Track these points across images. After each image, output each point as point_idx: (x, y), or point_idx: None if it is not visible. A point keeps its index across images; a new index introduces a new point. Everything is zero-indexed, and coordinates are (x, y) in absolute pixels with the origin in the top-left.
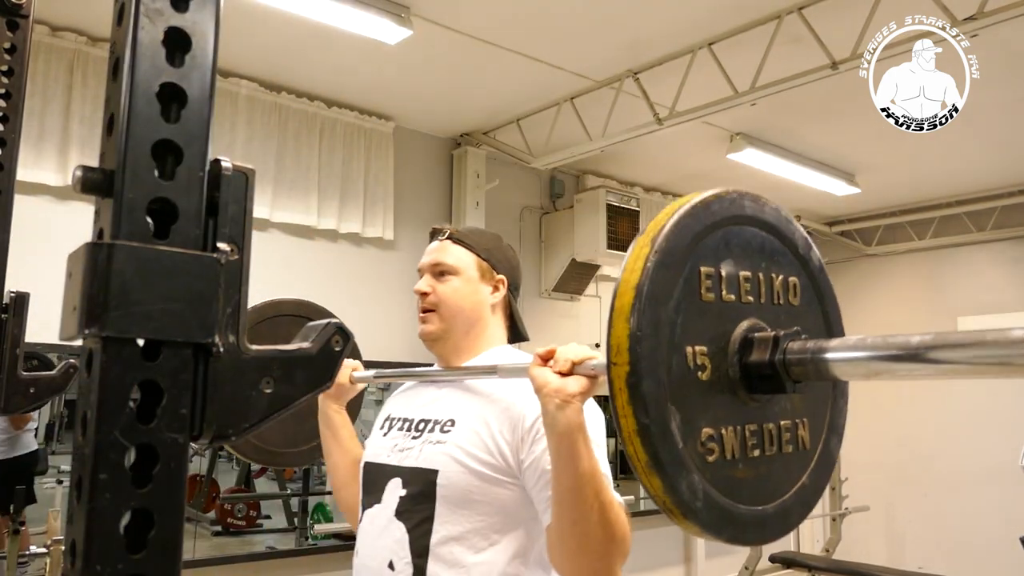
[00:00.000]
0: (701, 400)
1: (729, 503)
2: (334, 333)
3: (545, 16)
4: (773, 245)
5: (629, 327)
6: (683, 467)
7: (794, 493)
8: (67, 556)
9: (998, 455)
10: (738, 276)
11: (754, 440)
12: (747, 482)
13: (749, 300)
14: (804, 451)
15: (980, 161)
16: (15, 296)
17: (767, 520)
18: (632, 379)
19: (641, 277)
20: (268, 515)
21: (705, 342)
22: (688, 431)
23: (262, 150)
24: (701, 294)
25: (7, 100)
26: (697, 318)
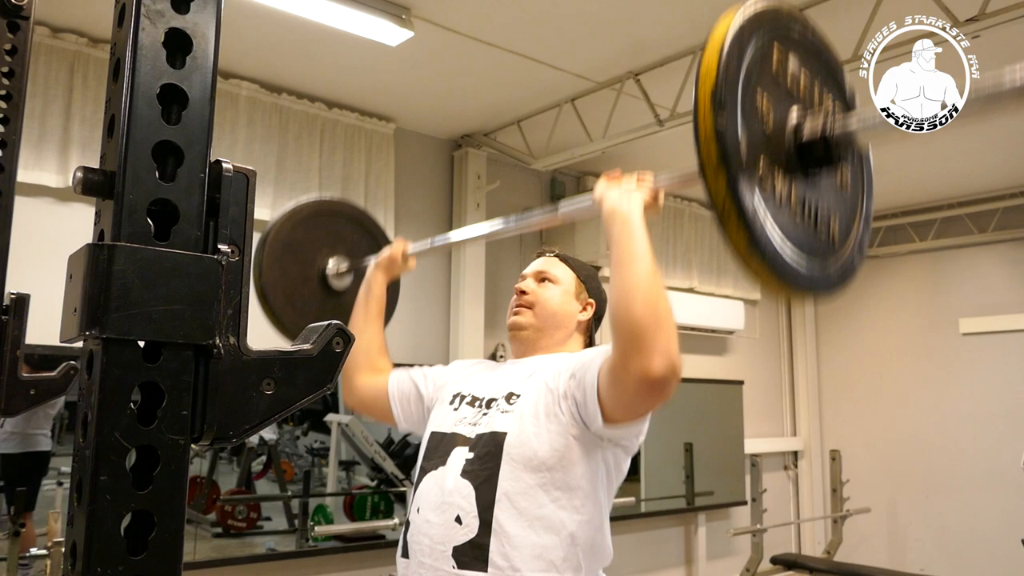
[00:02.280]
0: (762, 140)
1: (772, 228)
2: (335, 335)
3: (546, 17)
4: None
5: (719, 55)
6: (744, 174)
7: (822, 272)
8: (67, 558)
9: (999, 457)
10: (800, 76)
11: (797, 204)
12: (788, 231)
13: (804, 99)
14: (833, 245)
15: (982, 162)
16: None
17: (799, 270)
18: (716, 91)
19: (735, 18)
20: (269, 517)
21: (771, 101)
22: (751, 155)
23: (263, 151)
24: (772, 67)
25: (8, 101)
26: (766, 82)
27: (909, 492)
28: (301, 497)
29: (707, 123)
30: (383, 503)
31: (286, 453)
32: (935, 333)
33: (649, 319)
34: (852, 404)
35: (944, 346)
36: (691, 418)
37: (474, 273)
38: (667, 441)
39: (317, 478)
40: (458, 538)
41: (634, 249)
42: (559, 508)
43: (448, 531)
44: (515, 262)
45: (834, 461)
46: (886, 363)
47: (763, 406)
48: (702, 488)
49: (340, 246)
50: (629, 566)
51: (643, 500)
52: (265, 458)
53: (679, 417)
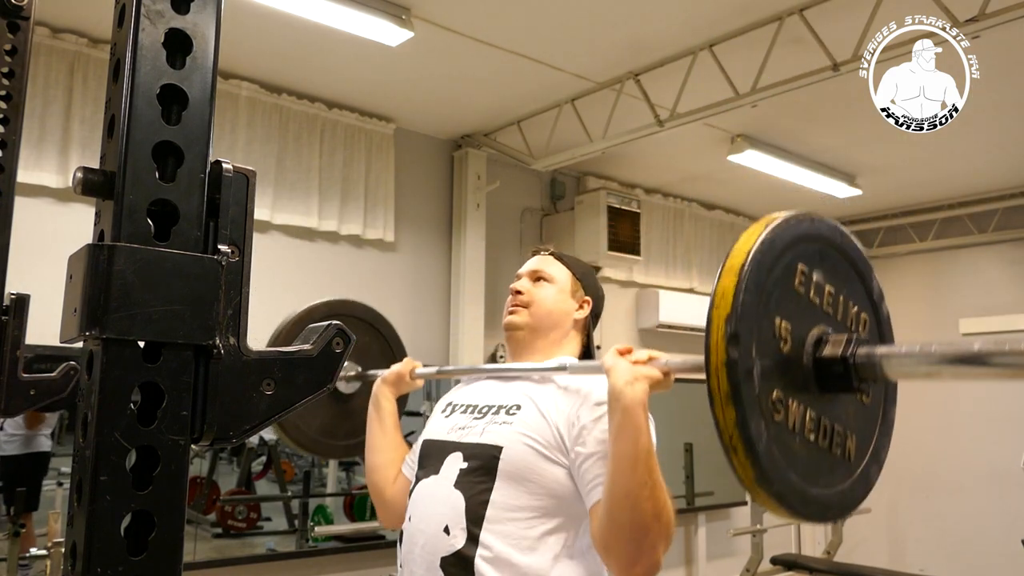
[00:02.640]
0: (778, 365)
1: (783, 464)
2: (335, 335)
3: (546, 18)
4: (856, 280)
5: (737, 279)
6: (755, 409)
7: (836, 492)
8: (67, 558)
9: (1000, 457)
10: (824, 287)
11: (812, 426)
12: (800, 458)
13: (828, 312)
14: (848, 462)
15: (982, 163)
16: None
17: (809, 498)
18: (730, 320)
19: (754, 244)
20: (269, 517)
21: (790, 321)
22: (764, 384)
23: (263, 152)
24: (794, 284)
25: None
26: (786, 300)
27: (909, 492)
28: (301, 497)
29: (719, 352)
30: None
31: (286, 453)
32: (935, 333)
33: (636, 529)
34: None
35: None
36: (691, 418)
37: (474, 273)
38: (667, 441)
39: (317, 478)
40: (446, 549)
41: (632, 449)
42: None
43: (437, 541)
44: (515, 262)
45: None
46: None
47: None
48: (702, 488)
49: None
50: None
51: None
52: (265, 458)
53: (679, 417)
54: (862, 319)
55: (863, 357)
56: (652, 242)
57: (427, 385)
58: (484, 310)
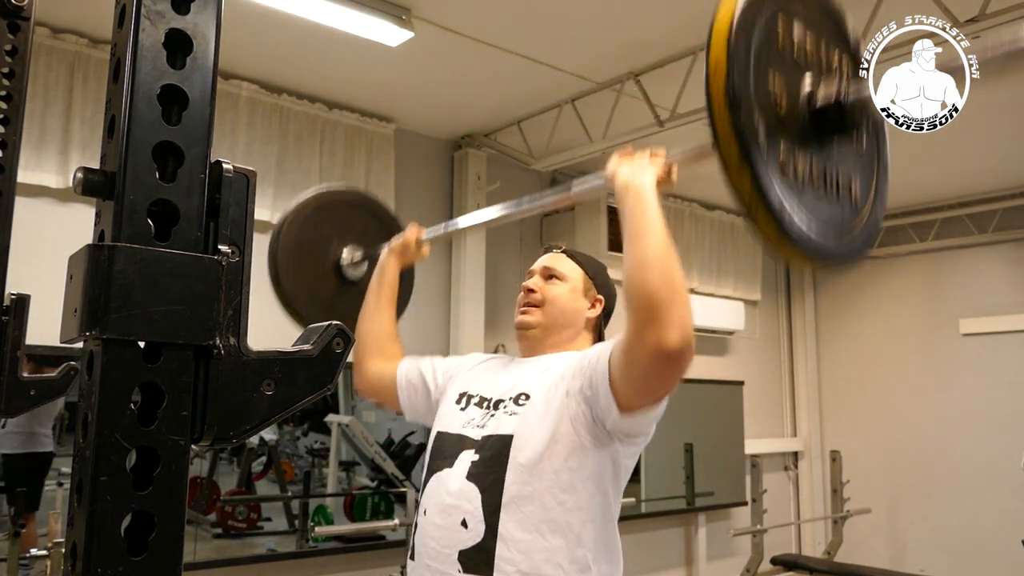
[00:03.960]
0: (778, 124)
1: (801, 216)
2: (335, 335)
3: (546, 18)
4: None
5: (726, 46)
6: (767, 167)
7: (852, 238)
8: (68, 559)
9: (1000, 458)
10: (805, 38)
11: (819, 176)
12: (814, 209)
13: (812, 61)
14: (856, 206)
15: (982, 163)
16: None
17: (819, 242)
18: (728, 88)
19: (735, 9)
20: (269, 517)
21: (782, 77)
22: (770, 144)
23: (263, 152)
24: (778, 42)
25: (8, 102)
26: (774, 59)
27: (909, 493)
28: (301, 498)
29: (724, 123)
30: (383, 504)
31: (286, 454)
32: (935, 334)
33: (664, 291)
34: (852, 405)
35: (944, 347)
36: (691, 418)
37: (474, 273)
38: (667, 441)
39: (317, 479)
40: (464, 542)
41: (647, 222)
42: (566, 511)
43: (454, 535)
44: (516, 261)
45: (834, 462)
46: (886, 364)
47: (763, 407)
48: (702, 489)
49: (351, 234)
50: (629, 567)
51: (643, 500)
52: (265, 459)
53: (679, 417)
54: (844, 61)
55: (853, 95)
56: None
57: None
58: (484, 310)
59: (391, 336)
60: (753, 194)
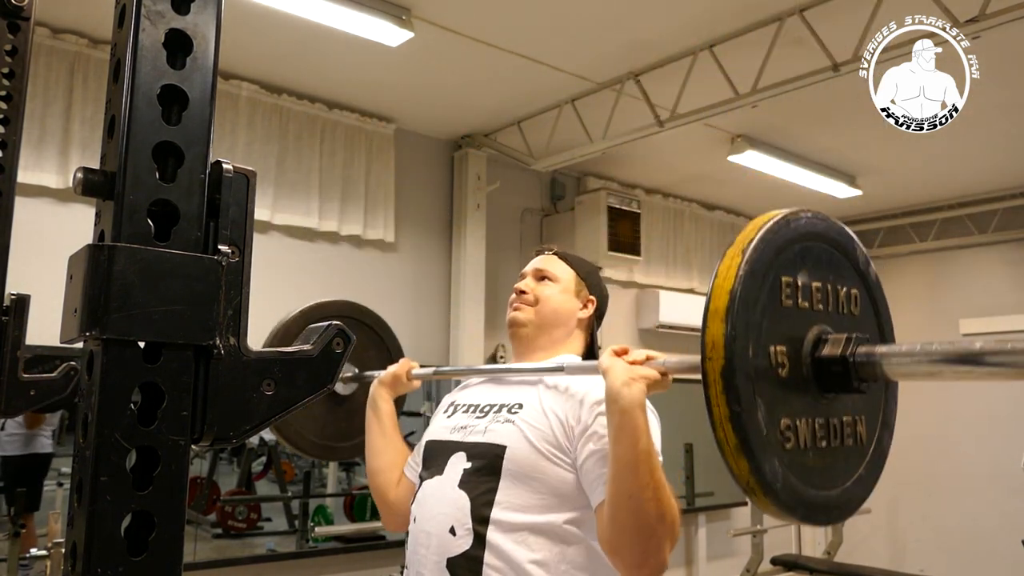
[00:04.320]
0: (780, 394)
1: (802, 487)
2: (335, 335)
3: (546, 18)
4: (839, 260)
5: (725, 327)
6: (767, 451)
7: (853, 482)
8: (68, 559)
9: (1000, 458)
10: (811, 286)
11: (822, 432)
12: (816, 470)
13: (819, 308)
14: (861, 445)
15: (982, 163)
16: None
17: (831, 504)
18: (726, 372)
19: (734, 284)
20: (269, 517)
21: (784, 342)
22: (770, 421)
23: (263, 152)
24: (782, 300)
25: (8, 102)
26: (778, 321)
27: (909, 493)
28: (301, 498)
29: (721, 407)
30: None
31: (286, 454)
32: (935, 334)
33: (639, 532)
34: None
35: None
36: (691, 418)
37: (474, 273)
38: (667, 441)
39: (317, 479)
40: (452, 550)
41: (631, 452)
42: (555, 527)
43: (443, 542)
44: (515, 262)
45: None
46: None
47: None
48: (702, 488)
49: None
50: None
51: None
52: (265, 459)
53: (679, 417)
54: (852, 296)
55: (863, 356)
56: (652, 242)
57: (427, 385)
58: (484, 310)
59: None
60: (752, 479)
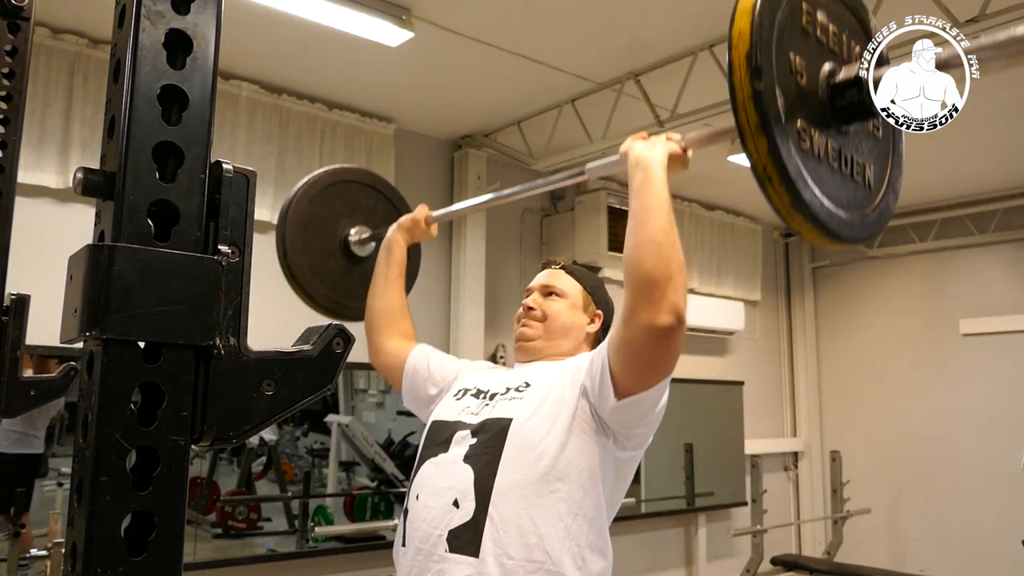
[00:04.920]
0: (798, 97)
1: (815, 188)
2: (335, 335)
3: (546, 18)
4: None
5: (751, 17)
6: (784, 136)
7: (863, 217)
8: (67, 559)
9: (1000, 457)
10: (829, 26)
11: (834, 155)
12: (828, 183)
13: (834, 50)
14: (869, 190)
15: (982, 163)
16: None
17: (841, 221)
18: (751, 56)
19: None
20: (269, 517)
21: (803, 56)
22: (788, 114)
23: (263, 152)
24: (802, 23)
25: (8, 102)
26: (797, 38)
27: (909, 493)
28: (301, 498)
29: (744, 88)
30: (383, 504)
31: (286, 454)
32: (935, 334)
33: (660, 273)
34: (852, 405)
35: (944, 347)
36: (691, 419)
37: (474, 273)
38: (667, 441)
39: (317, 479)
40: (454, 521)
41: (651, 201)
42: (558, 500)
43: (445, 514)
44: (515, 261)
45: (834, 462)
46: (886, 364)
47: (763, 407)
48: (702, 489)
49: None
50: (629, 567)
51: (643, 501)
52: (265, 459)
53: (679, 418)
54: (865, 57)
55: (875, 76)
56: None
57: None
58: (484, 310)
59: (402, 312)
60: (769, 160)
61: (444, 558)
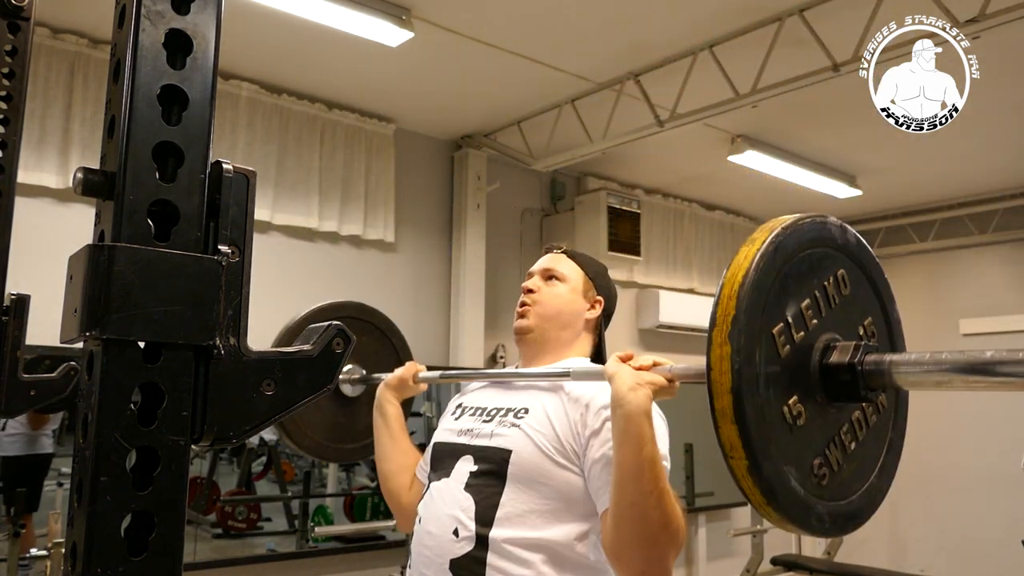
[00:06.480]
0: (806, 439)
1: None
2: (336, 335)
3: (546, 18)
4: (816, 255)
5: (736, 428)
6: (811, 513)
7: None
8: (68, 559)
9: (1000, 458)
10: (800, 310)
11: (848, 436)
12: (848, 479)
13: (814, 322)
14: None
15: (982, 163)
16: (16, 298)
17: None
18: (752, 471)
19: (732, 380)
20: (269, 517)
21: (795, 391)
22: (802, 473)
23: (263, 152)
24: (779, 352)
25: (8, 102)
26: (782, 374)
27: (909, 493)
28: (301, 498)
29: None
30: (383, 504)
31: (286, 454)
32: (936, 334)
33: (644, 540)
34: None
35: (945, 347)
36: (691, 418)
37: (474, 273)
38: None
39: (317, 479)
40: (455, 551)
41: (635, 458)
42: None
43: (445, 544)
44: (515, 263)
45: None
46: None
47: None
48: (702, 489)
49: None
50: None
51: None
52: (265, 459)
53: (679, 417)
54: (840, 278)
55: (871, 364)
56: (652, 242)
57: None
58: (484, 310)
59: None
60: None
61: None
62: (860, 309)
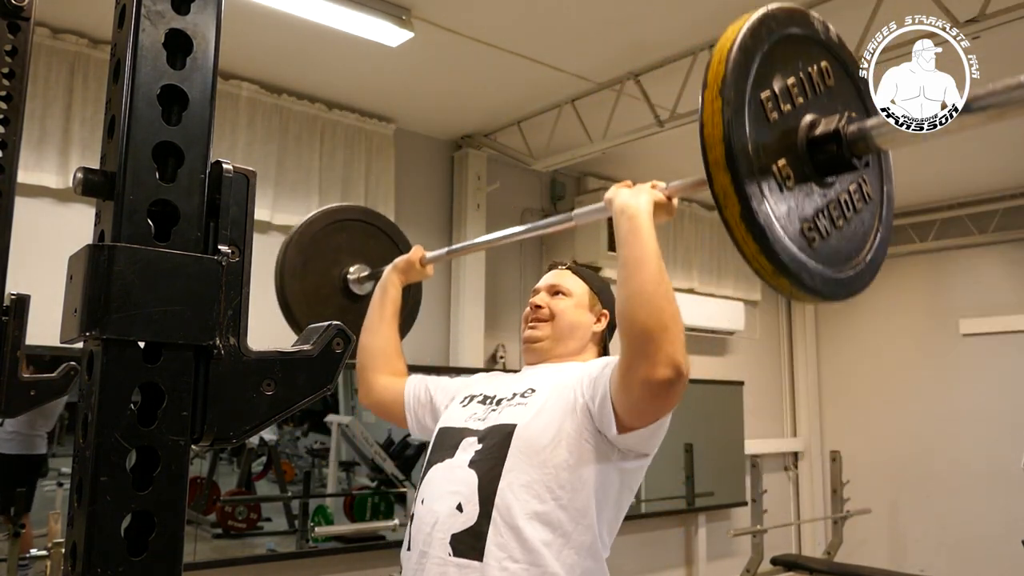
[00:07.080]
0: (796, 202)
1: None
2: (335, 335)
3: (546, 18)
4: (801, 37)
5: (729, 175)
6: (803, 268)
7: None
8: (67, 559)
9: (1000, 457)
10: (787, 85)
11: (837, 212)
12: (841, 247)
13: (800, 100)
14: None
15: (982, 163)
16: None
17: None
18: (745, 216)
19: (724, 130)
20: (269, 517)
21: (784, 153)
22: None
23: (263, 152)
24: (767, 117)
25: (8, 102)
26: (771, 136)
27: (909, 493)
28: (301, 498)
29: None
30: (383, 504)
31: (286, 454)
32: (935, 334)
33: (653, 326)
34: (852, 405)
35: (944, 347)
36: (691, 419)
37: (474, 274)
38: (667, 442)
39: (317, 479)
40: (457, 526)
41: (640, 250)
42: (560, 507)
43: (449, 519)
44: (515, 262)
45: (834, 462)
46: (886, 364)
47: (763, 407)
48: (702, 489)
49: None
50: (629, 567)
51: (643, 501)
52: (265, 459)
53: (679, 417)
54: (823, 69)
55: (854, 130)
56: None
57: None
58: (484, 310)
59: (395, 351)
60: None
61: (447, 562)
62: (843, 102)
